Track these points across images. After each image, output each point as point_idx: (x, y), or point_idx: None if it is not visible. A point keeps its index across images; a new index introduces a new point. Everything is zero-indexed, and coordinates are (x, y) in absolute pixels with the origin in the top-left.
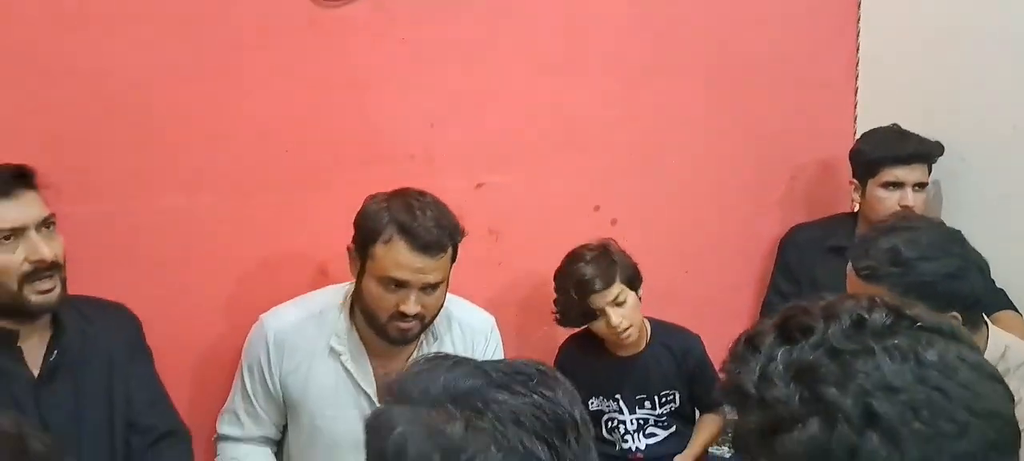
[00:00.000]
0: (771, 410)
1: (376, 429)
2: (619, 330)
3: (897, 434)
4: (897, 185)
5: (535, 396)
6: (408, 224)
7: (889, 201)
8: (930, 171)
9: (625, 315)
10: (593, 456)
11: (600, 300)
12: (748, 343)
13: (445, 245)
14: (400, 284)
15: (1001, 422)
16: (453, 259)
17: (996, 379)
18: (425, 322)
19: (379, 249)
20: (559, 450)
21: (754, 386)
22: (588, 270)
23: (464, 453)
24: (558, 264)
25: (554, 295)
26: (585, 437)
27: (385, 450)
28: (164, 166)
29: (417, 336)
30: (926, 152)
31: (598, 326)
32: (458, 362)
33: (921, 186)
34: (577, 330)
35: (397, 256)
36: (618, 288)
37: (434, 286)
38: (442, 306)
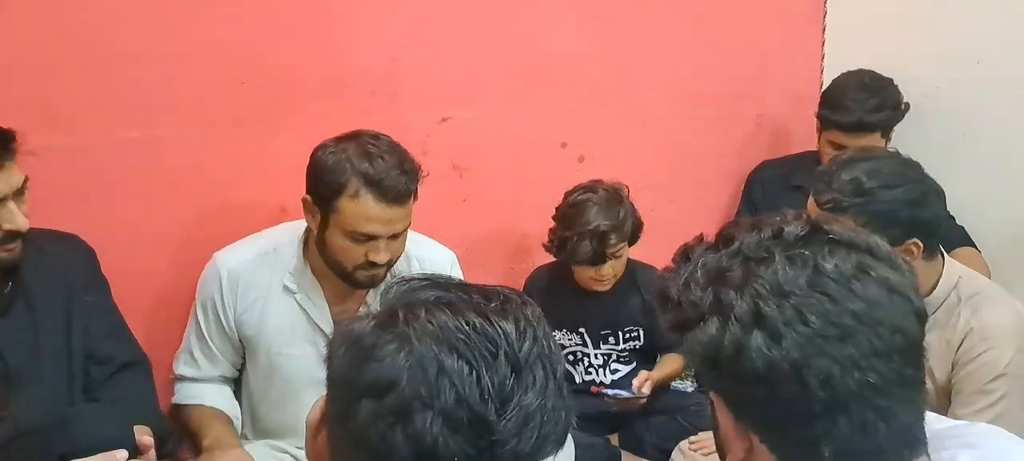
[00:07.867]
0: (682, 311)
1: None
2: (604, 280)
3: (780, 335)
4: (839, 146)
5: (477, 318)
6: (372, 175)
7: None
8: (888, 137)
9: (616, 269)
10: (535, 397)
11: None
12: (683, 254)
13: (412, 191)
14: (370, 237)
15: (889, 331)
16: (414, 198)
17: (901, 295)
18: (391, 265)
19: (345, 203)
20: (481, 373)
21: (677, 292)
22: (603, 223)
23: (369, 349)
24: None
25: (553, 227)
26: (530, 374)
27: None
28: (119, 98)
29: (384, 279)
30: (870, 124)
31: (582, 271)
32: (427, 282)
33: None
34: (546, 262)
35: (367, 210)
36: (623, 245)
37: (401, 231)
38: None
